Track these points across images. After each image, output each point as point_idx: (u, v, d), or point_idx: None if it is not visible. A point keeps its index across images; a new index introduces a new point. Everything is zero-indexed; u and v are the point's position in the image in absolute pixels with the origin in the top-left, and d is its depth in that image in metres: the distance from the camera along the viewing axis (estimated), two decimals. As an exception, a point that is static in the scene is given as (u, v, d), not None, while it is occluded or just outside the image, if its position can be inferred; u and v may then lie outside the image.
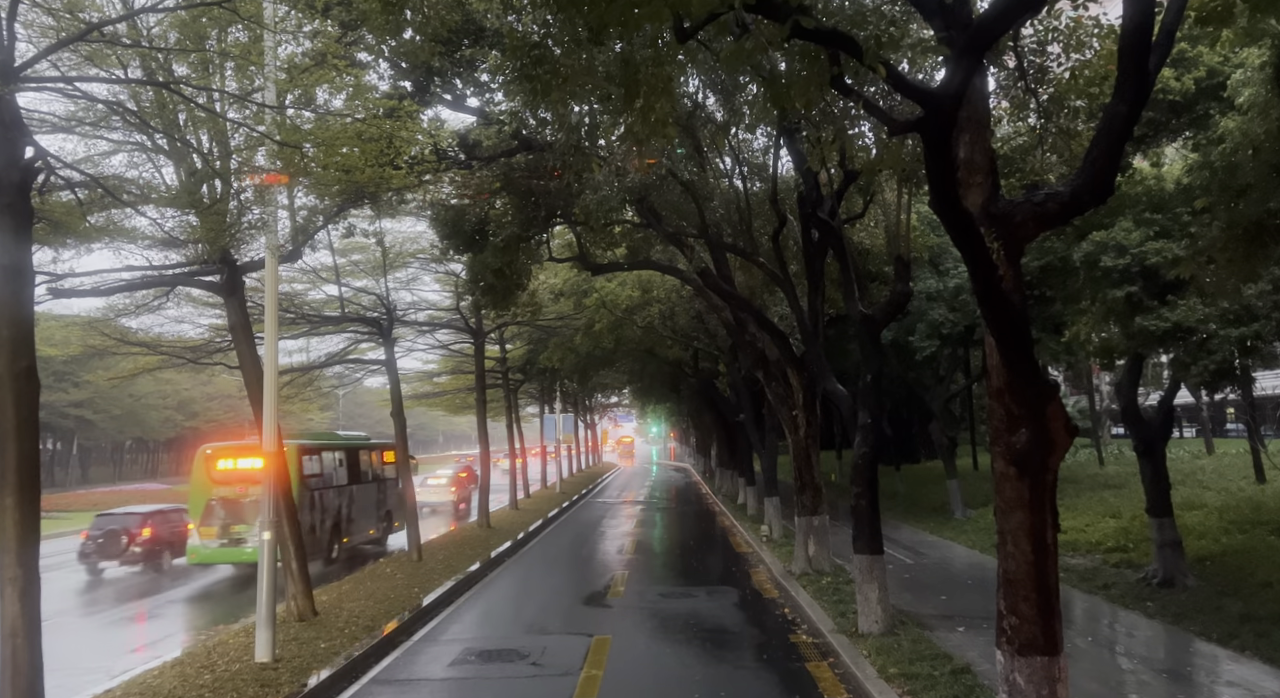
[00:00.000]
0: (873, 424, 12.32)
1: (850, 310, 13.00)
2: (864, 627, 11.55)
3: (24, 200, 7.60)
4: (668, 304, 26.30)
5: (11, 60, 7.37)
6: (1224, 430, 49.38)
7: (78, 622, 16.16)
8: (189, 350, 21.11)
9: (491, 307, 18.80)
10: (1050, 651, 6.30)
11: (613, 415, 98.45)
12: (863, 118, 11.60)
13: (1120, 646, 11.40)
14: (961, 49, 5.39)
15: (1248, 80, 9.86)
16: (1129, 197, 12.74)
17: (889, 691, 9.12)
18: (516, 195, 14.93)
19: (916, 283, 20.07)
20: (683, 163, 14.85)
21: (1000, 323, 6.25)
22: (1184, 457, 30.05)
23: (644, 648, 12.11)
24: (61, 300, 12.99)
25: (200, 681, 9.94)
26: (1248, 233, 9.90)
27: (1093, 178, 5.92)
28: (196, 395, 71.46)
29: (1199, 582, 13.68)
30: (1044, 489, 6.40)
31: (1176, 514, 14.59)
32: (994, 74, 10.42)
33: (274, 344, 11.87)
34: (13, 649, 7.14)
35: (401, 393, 21.65)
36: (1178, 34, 6.99)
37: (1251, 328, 12.14)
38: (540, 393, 46.54)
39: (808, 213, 14.28)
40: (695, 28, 5.38)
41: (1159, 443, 14.55)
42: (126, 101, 10.44)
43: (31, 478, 7.42)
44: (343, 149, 9.80)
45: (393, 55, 12.58)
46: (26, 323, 7.64)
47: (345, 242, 20.16)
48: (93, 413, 60.44)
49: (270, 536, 11.16)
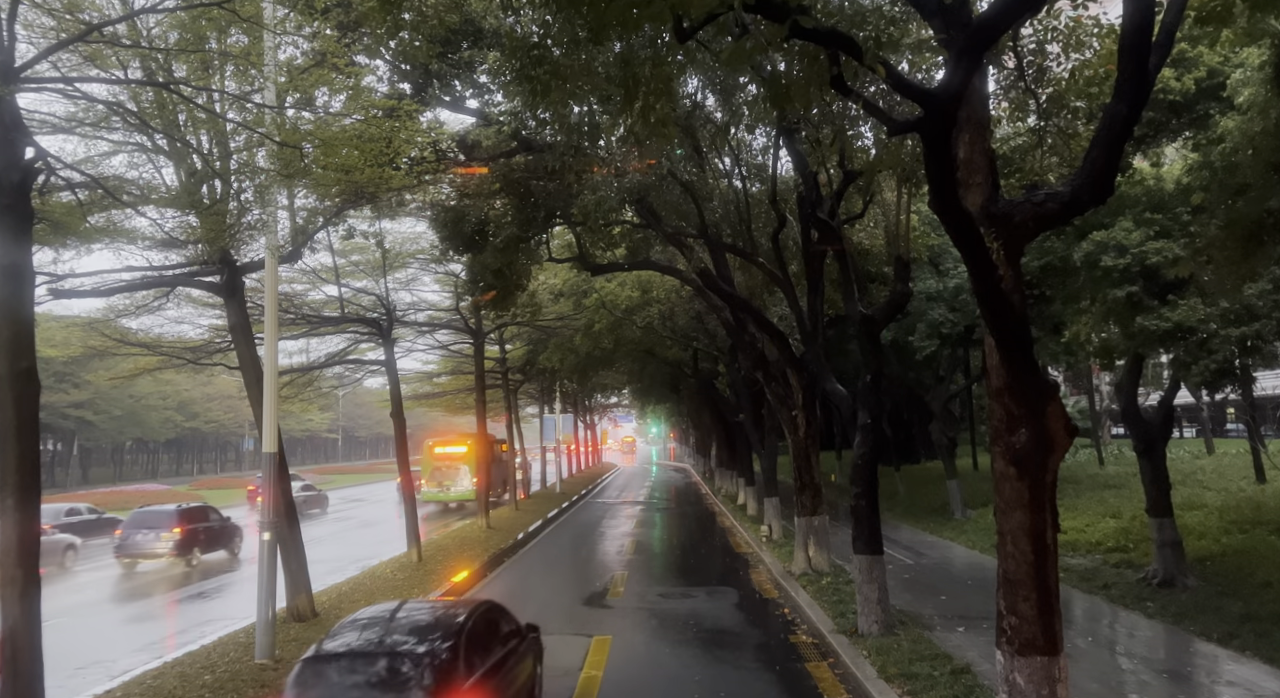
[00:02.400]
0: (872, 424, 12.32)
1: (850, 311, 13.00)
2: (864, 627, 11.54)
3: (24, 201, 7.60)
4: (667, 304, 26.29)
5: (12, 61, 7.37)
6: (1224, 430, 49.39)
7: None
8: (189, 351, 21.09)
9: (491, 307, 18.81)
10: (1050, 651, 6.30)
11: (612, 416, 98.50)
12: (862, 118, 11.62)
13: (1120, 646, 11.39)
14: (961, 49, 5.39)
15: (1247, 80, 9.87)
16: (1129, 197, 12.75)
17: (889, 691, 9.12)
18: (516, 196, 14.93)
19: (916, 283, 20.09)
20: (682, 163, 14.84)
21: (1000, 323, 6.25)
22: (1184, 457, 30.05)
23: (644, 648, 12.10)
24: (62, 301, 13.00)
25: (200, 681, 9.95)
26: (1247, 232, 9.91)
27: (1093, 178, 5.92)
28: (197, 396, 71.50)
29: (1199, 582, 13.68)
30: (1044, 489, 6.41)
31: (1177, 514, 14.59)
32: (994, 74, 10.43)
33: (274, 345, 11.87)
34: (13, 649, 7.14)
35: (401, 393, 21.65)
36: (1178, 34, 7.00)
37: (1252, 327, 12.14)
38: (540, 393, 46.54)
39: (807, 213, 14.28)
40: (695, 28, 5.38)
41: (1159, 443, 14.55)
42: (126, 102, 10.45)
43: (32, 479, 7.42)
44: (342, 150, 9.80)
45: (392, 57, 12.59)
46: (27, 323, 7.65)
47: (345, 242, 20.17)
48: (93, 414, 60.38)
49: (269, 536, 11.16)
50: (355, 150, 9.84)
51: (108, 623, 15.43)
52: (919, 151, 8.26)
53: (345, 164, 10.00)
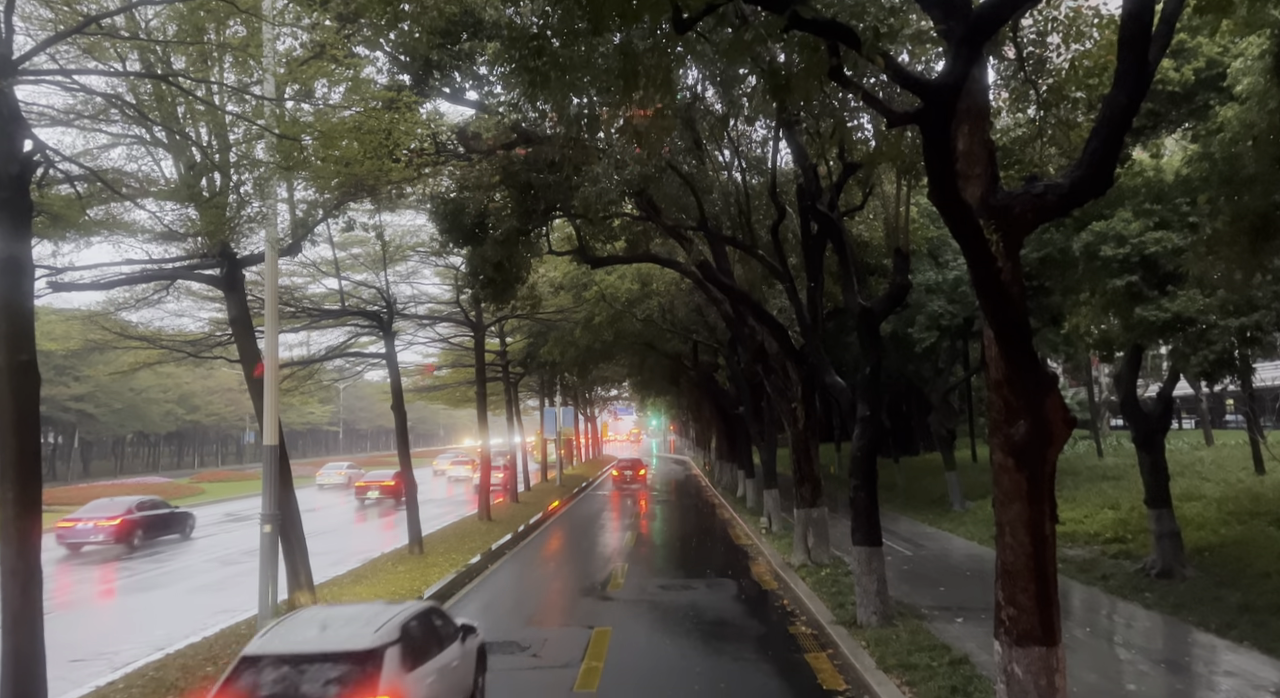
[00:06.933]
0: (871, 417, 12.34)
1: (849, 303, 13.00)
2: (862, 618, 11.58)
3: (23, 194, 7.59)
4: (667, 297, 26.30)
5: (10, 53, 7.35)
6: (1223, 422, 49.40)
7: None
8: (189, 344, 21.07)
9: (491, 300, 18.81)
10: (1048, 641, 6.32)
11: (613, 409, 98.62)
12: (862, 109, 11.59)
13: (1118, 636, 11.44)
14: (961, 40, 5.38)
15: (1247, 69, 9.85)
16: (1128, 188, 12.73)
17: (887, 681, 9.16)
18: (516, 188, 14.91)
19: (915, 275, 20.08)
20: (682, 155, 14.82)
21: (999, 315, 6.25)
22: (1183, 448, 30.07)
23: (644, 640, 12.15)
24: (61, 294, 12.96)
25: (202, 673, 9.99)
26: (1252, 226, 9.88)
27: (1092, 169, 5.92)
28: (197, 389, 71.46)
29: (1197, 573, 13.72)
30: (1042, 481, 6.42)
31: (1175, 505, 14.63)
32: (993, 65, 10.41)
33: (274, 338, 11.86)
34: (15, 641, 7.16)
35: (402, 386, 21.67)
36: (1177, 24, 6.98)
37: (1251, 318, 12.14)
38: (541, 386, 46.59)
39: (807, 205, 14.27)
40: (694, 19, 5.37)
41: (1158, 434, 14.57)
42: (125, 94, 10.41)
43: (32, 471, 7.43)
44: (342, 141, 9.77)
45: (391, 48, 12.56)
46: (26, 316, 7.65)
47: (345, 235, 20.15)
48: (93, 407, 60.37)
49: (270, 528, 11.18)
50: (355, 142, 9.81)
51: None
52: (918, 143, 8.25)
53: (345, 156, 9.97)
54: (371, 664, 6.88)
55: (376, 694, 6.69)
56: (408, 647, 7.36)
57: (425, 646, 7.84)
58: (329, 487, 47.20)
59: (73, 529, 23.67)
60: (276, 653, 7.06)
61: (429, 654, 7.81)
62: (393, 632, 7.34)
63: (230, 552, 23.39)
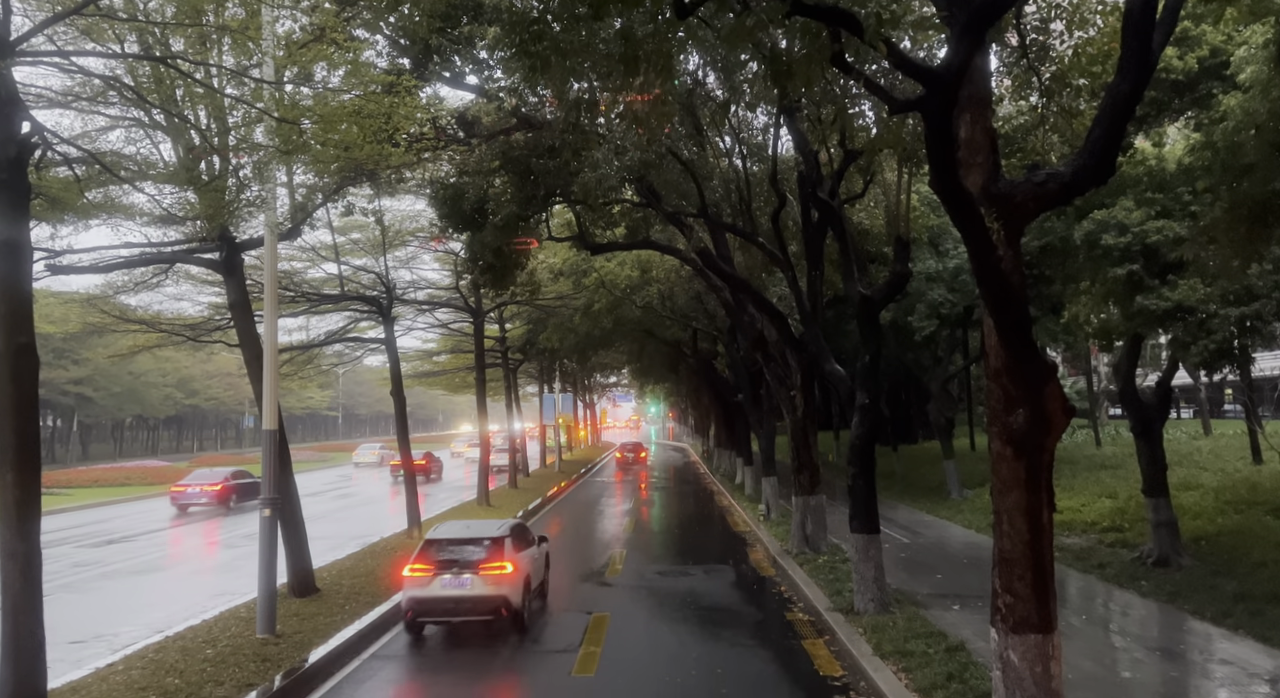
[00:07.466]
0: (870, 405, 12.34)
1: (849, 291, 12.98)
2: (860, 605, 11.63)
3: (21, 176, 7.57)
4: (667, 284, 26.27)
5: (7, 34, 7.31)
6: (1221, 412, 49.46)
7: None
8: (188, 328, 21.08)
9: (490, 286, 18.79)
10: (1044, 629, 6.35)
11: (611, 395, 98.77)
12: (863, 96, 11.54)
13: (1114, 624, 11.49)
14: (963, 26, 5.35)
15: (1251, 57, 9.80)
16: (1130, 177, 12.69)
17: (884, 668, 9.20)
18: (515, 174, 14.86)
19: (916, 264, 20.05)
20: (682, 141, 14.76)
21: (999, 303, 6.24)
22: (1181, 438, 30.13)
23: (642, 625, 12.21)
24: (60, 277, 12.95)
25: (202, 655, 10.03)
26: (1252, 213, 9.86)
27: (1094, 158, 5.89)
28: (196, 373, 71.58)
29: (1194, 561, 13.77)
30: (1040, 469, 6.43)
31: (1173, 495, 14.66)
32: (996, 52, 10.35)
33: (273, 322, 11.86)
34: (15, 623, 7.19)
35: (401, 372, 21.68)
36: (1181, 12, 6.95)
37: (1251, 307, 12.13)
38: (540, 373, 46.64)
39: (807, 193, 14.22)
40: (696, 3, 5.33)
41: (1156, 424, 14.59)
42: (123, 76, 10.36)
43: (31, 454, 7.45)
44: (341, 125, 9.72)
45: (391, 31, 12.48)
46: (24, 299, 7.64)
47: (345, 220, 20.11)
48: (92, 390, 60.44)
49: (269, 512, 11.21)
50: (354, 126, 9.75)
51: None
52: (920, 131, 8.21)
53: (344, 140, 9.92)
54: (499, 544, 11.55)
55: (503, 558, 11.34)
56: (515, 538, 12.02)
57: (522, 541, 12.39)
58: (364, 465, 54.97)
59: (184, 493, 29.19)
60: (445, 538, 11.88)
61: (526, 546, 12.44)
62: (508, 529, 12.16)
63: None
